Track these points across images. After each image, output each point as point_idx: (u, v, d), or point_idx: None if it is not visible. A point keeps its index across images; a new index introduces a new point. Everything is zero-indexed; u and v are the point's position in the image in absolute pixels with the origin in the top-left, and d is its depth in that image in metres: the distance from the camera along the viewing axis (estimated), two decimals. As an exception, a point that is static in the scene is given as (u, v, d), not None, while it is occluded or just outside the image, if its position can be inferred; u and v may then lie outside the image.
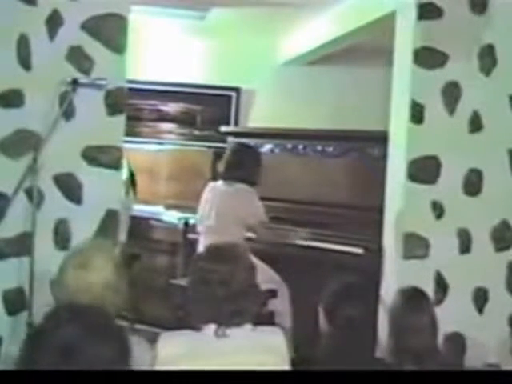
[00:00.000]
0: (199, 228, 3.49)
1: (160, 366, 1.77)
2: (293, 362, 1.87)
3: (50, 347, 1.20)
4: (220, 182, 3.45)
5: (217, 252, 1.91)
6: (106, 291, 1.78)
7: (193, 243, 3.73)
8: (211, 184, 3.54)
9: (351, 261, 3.24)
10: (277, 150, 3.92)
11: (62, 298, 1.83)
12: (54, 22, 2.62)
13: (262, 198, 3.38)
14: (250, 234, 3.41)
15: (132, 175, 3.96)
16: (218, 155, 4.21)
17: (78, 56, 2.65)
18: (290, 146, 3.87)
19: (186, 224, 3.97)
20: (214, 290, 1.79)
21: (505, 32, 3.03)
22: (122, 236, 3.45)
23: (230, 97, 4.91)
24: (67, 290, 1.79)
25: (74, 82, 2.57)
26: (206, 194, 3.48)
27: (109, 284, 1.79)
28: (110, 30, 2.67)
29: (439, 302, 2.93)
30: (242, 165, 3.39)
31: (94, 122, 2.68)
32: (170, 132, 4.96)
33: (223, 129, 4.34)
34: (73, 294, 1.76)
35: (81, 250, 1.91)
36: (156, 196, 4.44)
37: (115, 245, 2.68)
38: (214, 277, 1.80)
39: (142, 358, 1.72)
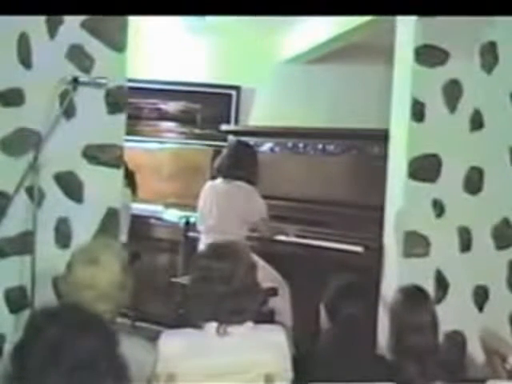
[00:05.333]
0: (200, 227, 3.49)
1: (161, 365, 1.77)
2: (294, 360, 1.88)
3: (36, 354, 1.21)
4: (219, 180, 3.45)
5: (217, 250, 1.92)
6: (111, 288, 1.80)
7: (193, 242, 3.73)
8: (210, 183, 3.54)
9: (351, 259, 3.24)
10: (277, 149, 3.92)
11: (67, 294, 1.84)
12: (54, 20, 2.62)
13: (263, 197, 3.39)
14: (251, 233, 3.41)
15: (130, 176, 3.95)
16: (218, 154, 4.21)
17: (78, 54, 2.65)
18: (290, 144, 3.87)
19: (187, 223, 3.97)
20: (215, 288, 1.80)
21: (506, 29, 3.02)
22: (123, 235, 3.45)
23: (230, 95, 4.90)
24: (73, 286, 1.80)
25: (75, 81, 2.57)
26: (206, 193, 3.48)
27: (115, 281, 1.81)
28: (110, 29, 2.67)
29: (439, 300, 2.93)
30: (240, 163, 3.40)
31: (95, 121, 2.68)
32: (170, 131, 4.96)
33: (224, 127, 4.34)
34: (79, 290, 1.78)
35: (89, 247, 1.93)
36: (157, 195, 4.44)
37: (116, 243, 2.68)
38: (215, 275, 1.81)
39: (144, 359, 1.73)
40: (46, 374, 1.20)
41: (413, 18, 2.91)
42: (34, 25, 2.60)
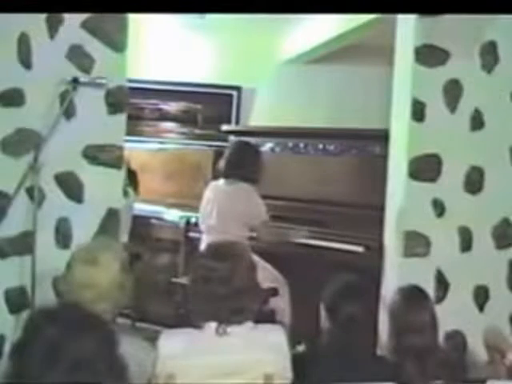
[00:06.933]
0: (201, 227, 3.49)
1: (161, 364, 1.77)
2: (293, 360, 1.88)
3: (35, 354, 1.21)
4: (221, 181, 3.45)
5: (217, 250, 1.92)
6: (111, 288, 1.80)
7: (194, 242, 3.73)
8: (213, 183, 3.54)
9: (352, 259, 3.24)
10: (278, 149, 3.92)
11: (66, 294, 1.85)
12: (54, 20, 2.62)
13: (263, 197, 3.38)
14: (252, 233, 3.41)
15: (132, 174, 3.96)
16: (218, 154, 4.22)
17: (78, 55, 2.65)
18: (290, 144, 3.87)
19: (188, 223, 3.97)
20: (215, 287, 1.80)
21: (507, 29, 3.02)
22: (124, 235, 3.45)
23: (231, 95, 4.91)
24: (73, 286, 1.81)
25: (75, 81, 2.57)
26: (208, 193, 3.48)
27: (114, 281, 1.81)
28: (110, 29, 2.67)
29: (440, 300, 2.92)
30: (242, 163, 3.39)
31: (95, 121, 2.68)
32: (170, 131, 4.96)
33: (224, 128, 4.34)
34: (78, 290, 1.78)
35: (89, 247, 1.93)
36: (157, 195, 4.45)
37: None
38: (214, 275, 1.81)
39: (143, 359, 1.73)
40: (45, 373, 1.20)
41: (413, 18, 2.90)
42: (34, 25, 2.60)
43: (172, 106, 4.92)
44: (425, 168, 2.94)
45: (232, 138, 4.07)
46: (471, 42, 2.99)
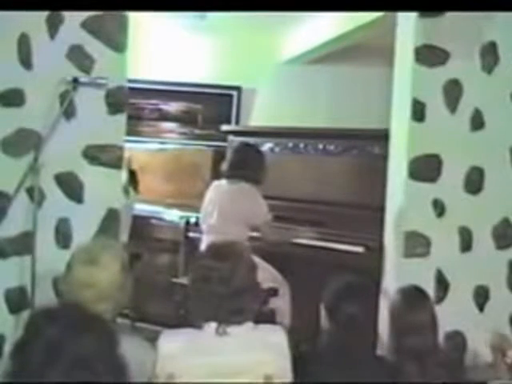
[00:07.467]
0: (202, 227, 3.49)
1: (161, 364, 1.77)
2: (294, 360, 1.88)
3: (36, 354, 1.22)
4: (224, 181, 3.45)
5: (217, 250, 1.92)
6: (111, 288, 1.80)
7: (194, 242, 3.73)
8: (215, 183, 3.53)
9: (352, 259, 3.24)
10: (277, 149, 3.92)
11: (66, 294, 1.85)
12: (54, 20, 2.62)
13: (263, 197, 3.38)
14: (253, 234, 3.41)
15: (132, 174, 3.97)
16: (218, 154, 4.22)
17: (78, 55, 2.65)
18: (290, 144, 3.87)
19: (188, 223, 3.97)
20: (214, 288, 1.80)
21: (507, 29, 3.03)
22: (124, 235, 3.45)
23: (231, 96, 4.91)
24: (73, 286, 1.81)
25: (75, 81, 2.58)
26: (210, 193, 3.48)
27: (114, 281, 1.81)
28: (110, 29, 2.67)
29: (440, 300, 2.93)
30: (245, 164, 3.39)
31: (95, 121, 2.69)
32: (171, 131, 4.96)
33: (224, 128, 4.34)
34: (78, 290, 1.78)
35: (89, 247, 1.94)
36: (157, 195, 4.45)
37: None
38: (214, 275, 1.81)
39: (143, 359, 1.73)
40: (46, 373, 1.21)
41: (413, 18, 2.90)
42: (35, 25, 2.60)
43: (172, 106, 4.92)
44: (425, 168, 2.95)
45: (232, 138, 4.07)
46: (471, 42, 2.99)
